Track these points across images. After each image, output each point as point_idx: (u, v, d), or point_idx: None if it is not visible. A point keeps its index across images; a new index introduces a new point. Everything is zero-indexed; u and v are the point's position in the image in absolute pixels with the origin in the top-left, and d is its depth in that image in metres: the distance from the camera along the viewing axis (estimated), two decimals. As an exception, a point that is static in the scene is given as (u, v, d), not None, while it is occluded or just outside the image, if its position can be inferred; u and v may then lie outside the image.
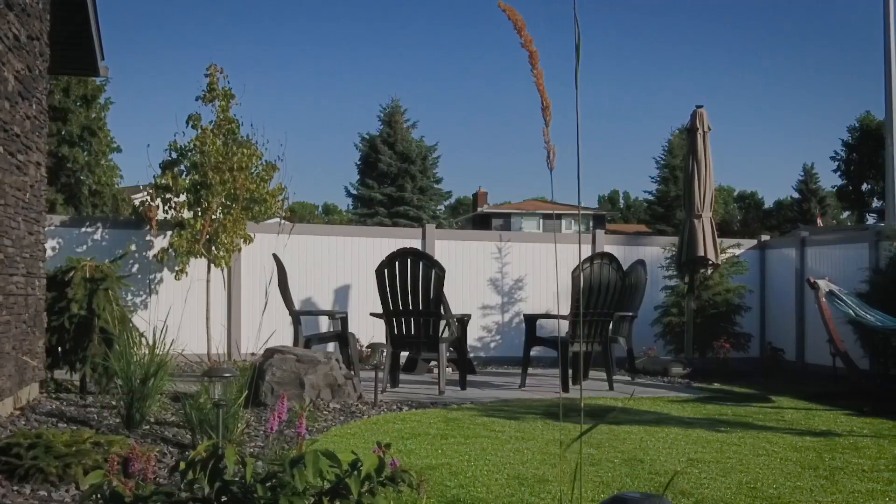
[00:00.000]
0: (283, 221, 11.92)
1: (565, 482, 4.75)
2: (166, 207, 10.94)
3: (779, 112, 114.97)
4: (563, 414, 7.21)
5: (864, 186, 48.80)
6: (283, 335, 10.30)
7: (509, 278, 12.54)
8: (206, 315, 10.93)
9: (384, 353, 7.72)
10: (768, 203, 68.13)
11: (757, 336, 12.69)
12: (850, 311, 8.85)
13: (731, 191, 76.98)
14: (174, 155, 11.13)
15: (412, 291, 8.28)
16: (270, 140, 13.24)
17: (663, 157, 41.43)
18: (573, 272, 8.66)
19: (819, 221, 43.87)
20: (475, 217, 53.92)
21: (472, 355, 12.05)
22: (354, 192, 42.42)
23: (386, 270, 8.34)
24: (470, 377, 9.98)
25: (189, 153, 11.01)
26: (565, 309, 10.89)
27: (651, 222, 41.62)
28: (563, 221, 52.67)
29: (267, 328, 10.83)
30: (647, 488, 4.65)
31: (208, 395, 4.93)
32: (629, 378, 10.04)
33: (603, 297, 8.73)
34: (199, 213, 10.74)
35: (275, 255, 9.84)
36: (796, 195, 61.01)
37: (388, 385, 8.62)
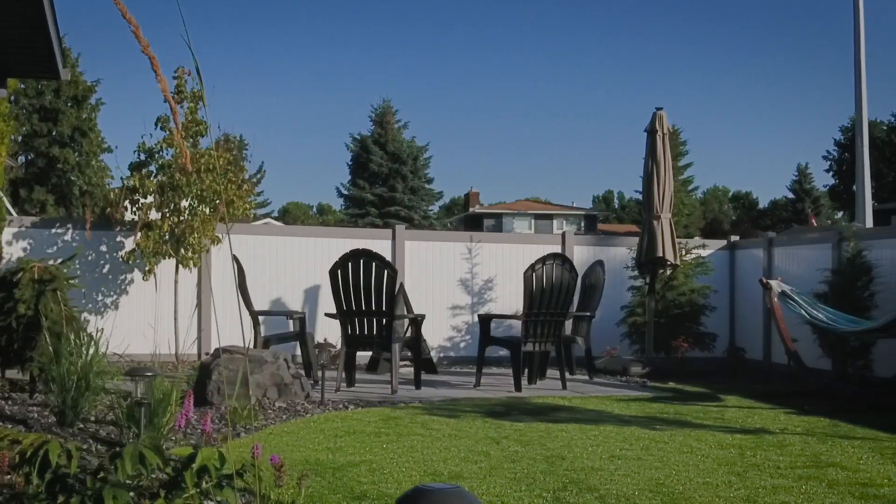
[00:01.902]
0: (265, 221, 12.03)
1: (478, 478, 4.86)
2: (134, 209, 11.06)
3: (776, 111, 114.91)
4: (508, 413, 7.32)
5: (856, 186, 48.80)
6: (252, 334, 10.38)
7: (479, 279, 12.64)
8: (174, 315, 11.02)
9: (331, 353, 7.83)
10: (763, 203, 68.22)
11: (726, 336, 12.81)
12: (803, 312, 8.95)
13: (727, 191, 77.06)
14: (143, 156, 11.27)
15: (365, 292, 8.39)
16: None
17: (654, 157, 41.55)
18: (525, 272, 8.77)
19: (812, 221, 43.93)
20: (467, 217, 54.04)
21: (441, 355, 12.18)
22: (346, 192, 42.54)
23: (339, 271, 8.45)
24: (430, 377, 10.11)
25: (156, 155, 11.14)
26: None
27: (641, 222, 41.74)
28: (555, 221, 52.77)
29: (236, 327, 10.96)
30: (558, 484, 4.76)
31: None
32: (587, 377, 10.14)
33: (556, 297, 8.83)
34: (167, 215, 10.85)
35: (234, 256, 9.96)
36: (791, 195, 61.07)
37: (344, 384, 8.75)
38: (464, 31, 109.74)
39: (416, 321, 9.07)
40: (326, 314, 8.89)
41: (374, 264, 8.39)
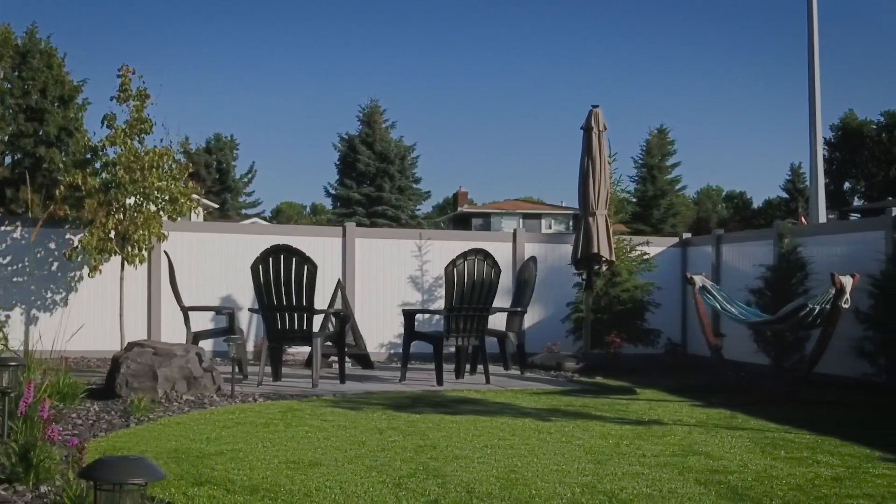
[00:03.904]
0: (252, 220, 12.15)
1: (336, 465, 4.96)
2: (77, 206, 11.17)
3: (774, 111, 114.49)
4: (413, 405, 7.42)
5: (846, 185, 48.88)
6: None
7: (430, 276, 12.74)
8: (120, 312, 11.12)
9: (237, 346, 7.92)
10: (758, 202, 68.22)
11: (677, 332, 12.90)
12: (717, 305, 9.05)
13: (720, 191, 77.08)
14: (89, 155, 11.41)
15: (285, 287, 8.50)
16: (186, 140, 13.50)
17: (641, 156, 41.67)
18: (446, 268, 8.87)
19: (802, 220, 43.96)
20: (456, 217, 54.14)
21: (391, 352, 12.28)
22: (333, 191, 42.70)
23: (260, 267, 8.56)
24: (365, 372, 10.25)
25: (100, 153, 11.28)
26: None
27: (629, 221, 41.77)
28: (543, 221, 52.80)
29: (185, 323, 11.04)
30: (409, 471, 4.85)
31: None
32: (518, 372, 10.23)
33: (477, 292, 8.93)
34: (111, 212, 10.97)
35: (165, 253, 10.10)
36: (785, 195, 61.03)
37: (272, 378, 8.86)
38: (458, 32, 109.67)
39: (340, 316, 9.18)
40: (250, 309, 9.00)
41: (294, 260, 8.50)
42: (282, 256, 8.51)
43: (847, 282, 7.43)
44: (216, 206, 45.55)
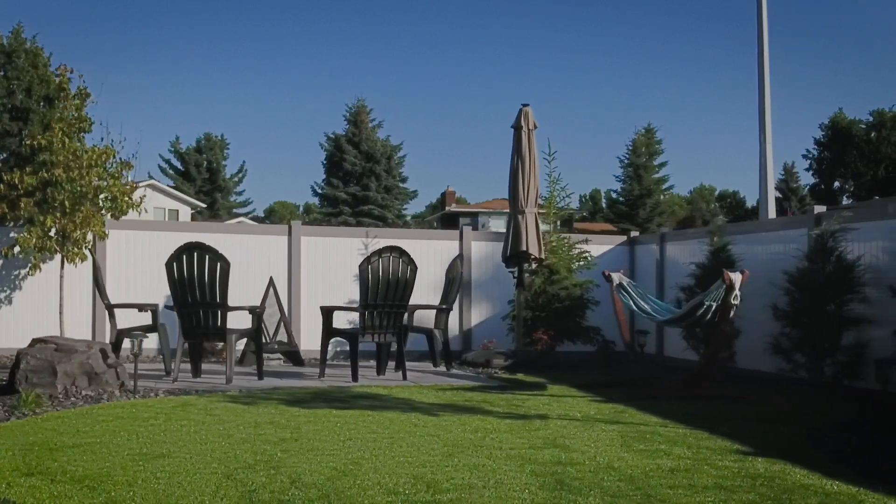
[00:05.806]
0: (239, 220, 12.24)
1: (182, 457, 5.04)
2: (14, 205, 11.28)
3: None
4: (310, 400, 7.51)
5: (836, 184, 48.85)
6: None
7: (376, 274, 12.79)
8: (60, 309, 11.22)
9: (142, 343, 8.01)
10: (751, 202, 68.16)
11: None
12: (631, 303, 9.11)
13: (713, 190, 77.07)
14: (28, 153, 11.54)
15: (199, 284, 8.59)
16: (128, 139, 13.57)
17: (627, 156, 41.67)
18: (360, 265, 8.95)
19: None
20: (444, 216, 54.23)
21: (337, 349, 12.35)
22: (320, 191, 42.81)
23: (175, 264, 8.64)
24: (294, 369, 10.35)
25: (38, 152, 11.37)
26: (434, 301, 11.29)
27: (616, 221, 41.83)
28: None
29: (131, 317, 11.13)
30: (250, 462, 4.94)
31: None
32: (444, 369, 10.30)
33: (392, 289, 9.00)
34: (49, 210, 11.07)
35: (91, 251, 10.19)
36: (778, 194, 60.95)
37: (192, 375, 8.95)
38: (447, 31, 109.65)
39: (256, 313, 9.26)
40: (166, 307, 9.09)
41: (207, 257, 8.58)
42: (195, 254, 8.59)
43: (736, 278, 7.48)
44: (204, 205, 45.67)
